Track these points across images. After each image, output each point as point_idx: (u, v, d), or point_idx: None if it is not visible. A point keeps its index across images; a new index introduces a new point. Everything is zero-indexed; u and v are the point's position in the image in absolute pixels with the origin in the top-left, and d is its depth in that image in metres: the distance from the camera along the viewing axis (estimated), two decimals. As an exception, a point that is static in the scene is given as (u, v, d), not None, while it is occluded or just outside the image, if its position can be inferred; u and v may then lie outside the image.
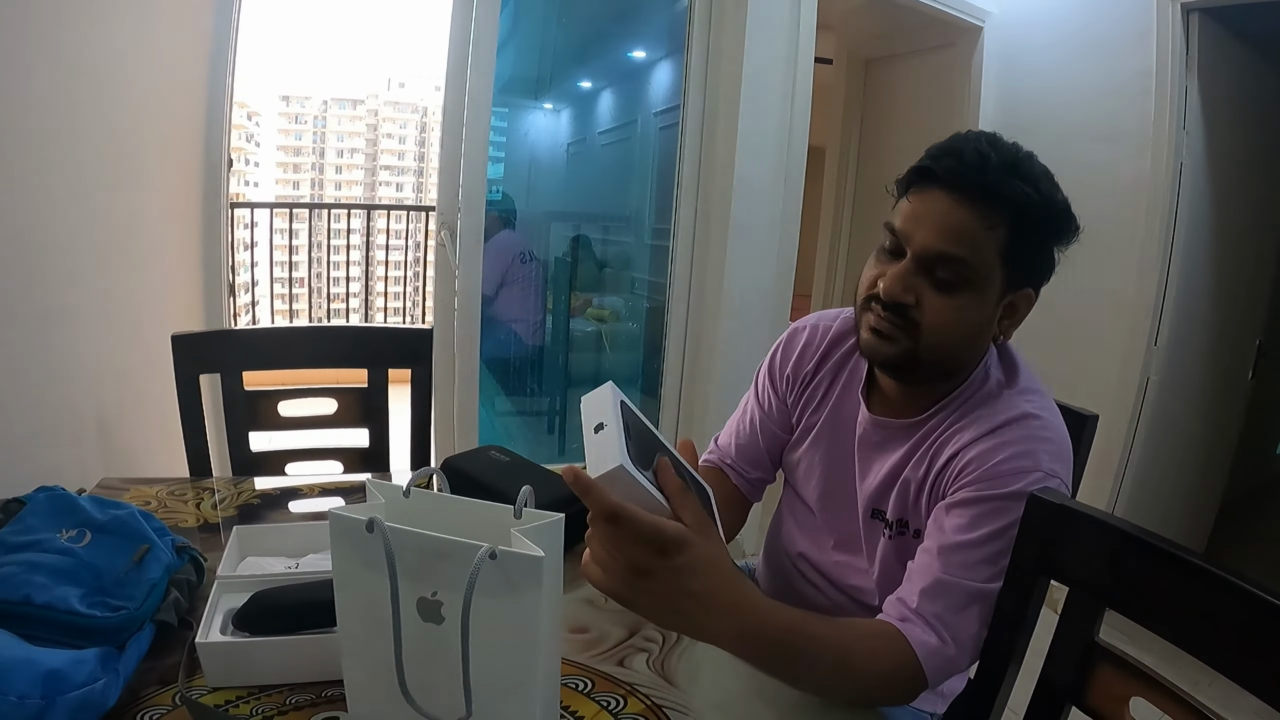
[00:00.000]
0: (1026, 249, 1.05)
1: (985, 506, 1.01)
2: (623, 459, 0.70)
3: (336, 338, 1.81)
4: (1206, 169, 2.85)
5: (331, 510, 0.72)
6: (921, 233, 1.04)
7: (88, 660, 0.84)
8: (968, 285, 1.04)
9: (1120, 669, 0.90)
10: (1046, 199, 1.04)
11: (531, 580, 0.68)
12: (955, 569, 0.99)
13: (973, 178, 1.02)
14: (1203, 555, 0.83)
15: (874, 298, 1.09)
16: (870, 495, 1.18)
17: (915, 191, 1.07)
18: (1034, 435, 1.04)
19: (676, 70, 3.12)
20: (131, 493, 1.39)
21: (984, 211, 1.02)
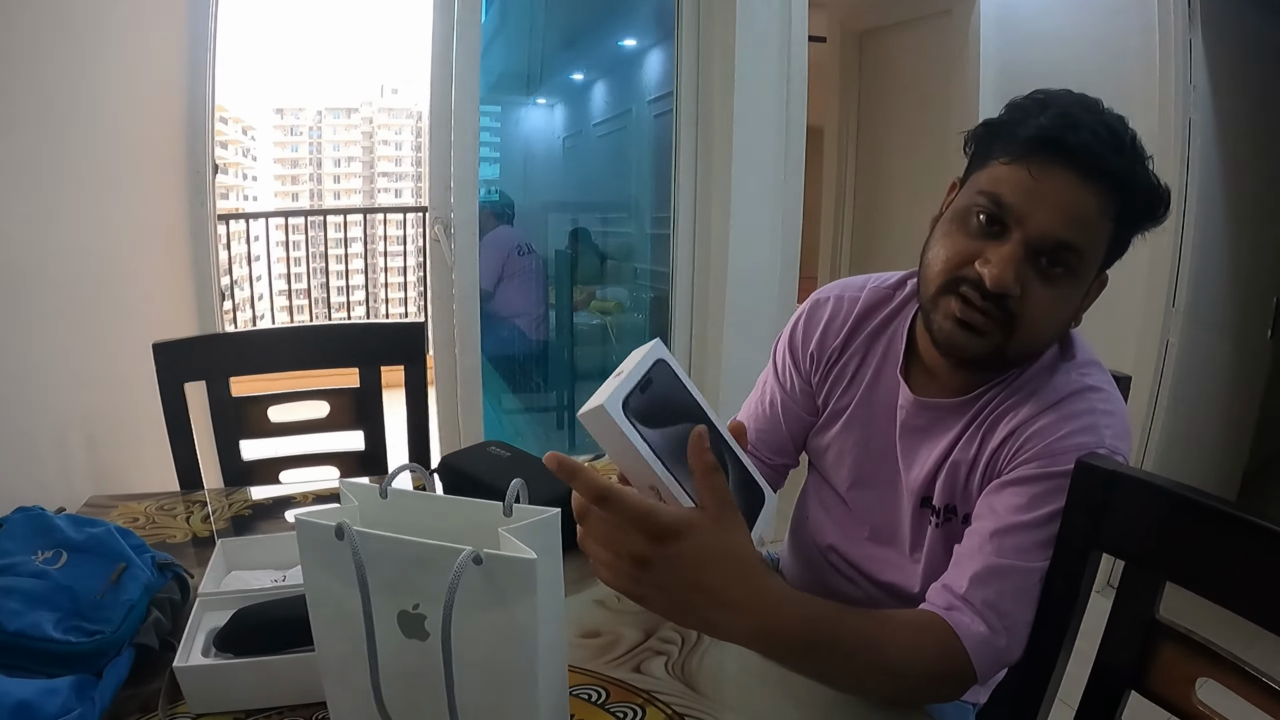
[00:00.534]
0: (1127, 235, 0.97)
1: (1046, 485, 0.93)
2: (608, 401, 0.66)
3: (324, 336, 1.74)
4: (1215, 125, 2.78)
5: (297, 516, 0.64)
6: (1043, 214, 0.91)
7: (60, 690, 0.78)
8: (1073, 276, 0.94)
9: (1185, 648, 0.82)
10: (1157, 182, 0.95)
11: (524, 587, 0.60)
12: (1009, 552, 0.91)
13: (1111, 159, 0.90)
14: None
15: (966, 281, 0.95)
16: (919, 484, 1.08)
17: (1036, 163, 0.92)
18: (1097, 409, 0.96)
19: (668, 57, 3.09)
20: (119, 510, 1.33)
21: (1108, 198, 0.92)
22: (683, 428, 0.71)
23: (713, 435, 0.73)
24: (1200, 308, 2.82)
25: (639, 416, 0.68)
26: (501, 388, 4.13)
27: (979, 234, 0.96)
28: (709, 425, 0.74)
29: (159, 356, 1.55)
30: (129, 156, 2.28)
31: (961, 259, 0.96)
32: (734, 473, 0.76)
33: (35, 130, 1.71)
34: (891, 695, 0.87)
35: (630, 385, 0.69)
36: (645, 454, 0.68)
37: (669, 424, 0.71)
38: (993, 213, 0.94)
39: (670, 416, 0.72)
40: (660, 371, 0.72)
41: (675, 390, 0.74)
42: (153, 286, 2.44)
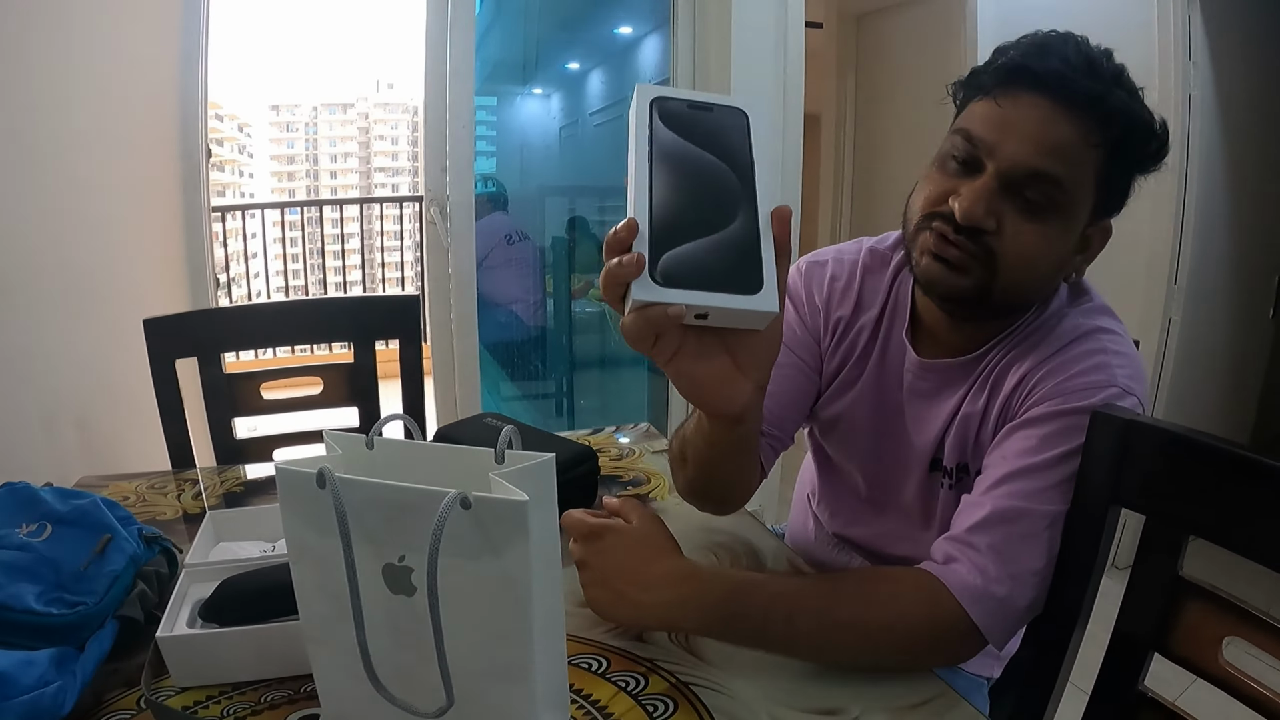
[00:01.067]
0: (1122, 173, 0.93)
1: (1057, 424, 0.88)
2: (646, 86, 0.64)
3: (318, 311, 1.71)
4: (1216, 101, 2.77)
5: (278, 464, 0.61)
6: (1013, 143, 0.88)
7: (38, 662, 0.75)
8: (1058, 211, 0.89)
9: (1211, 605, 0.79)
10: (1149, 114, 0.91)
11: (516, 532, 0.55)
12: (1019, 495, 0.87)
13: (1082, 83, 0.86)
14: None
15: (940, 215, 0.92)
16: (928, 447, 1.05)
17: (1005, 94, 0.89)
18: (1108, 349, 0.92)
19: (665, 44, 3.06)
20: (110, 489, 1.30)
21: (1089, 125, 0.87)
22: (704, 157, 0.64)
23: (746, 214, 0.62)
24: (1202, 285, 2.81)
25: (667, 115, 0.64)
26: (500, 375, 4.10)
27: (956, 174, 0.92)
28: (740, 202, 0.63)
29: (150, 333, 1.53)
30: (122, 143, 2.27)
31: (938, 198, 0.93)
32: (740, 246, 0.61)
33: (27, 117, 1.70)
34: (880, 656, 0.83)
35: (684, 95, 0.65)
36: (636, 136, 0.63)
37: (693, 141, 0.64)
38: (966, 149, 0.92)
39: (701, 139, 0.64)
40: (731, 115, 0.65)
41: (732, 134, 0.65)
42: (147, 272, 2.43)
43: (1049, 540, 0.86)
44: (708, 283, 0.59)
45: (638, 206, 0.60)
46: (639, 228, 0.59)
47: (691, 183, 0.62)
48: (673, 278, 0.58)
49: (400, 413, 0.70)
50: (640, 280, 0.58)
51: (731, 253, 0.60)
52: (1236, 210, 2.93)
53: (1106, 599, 0.88)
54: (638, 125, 0.63)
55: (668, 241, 0.59)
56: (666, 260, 0.59)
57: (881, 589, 0.85)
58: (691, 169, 0.63)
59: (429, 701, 0.58)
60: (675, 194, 0.61)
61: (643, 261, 0.58)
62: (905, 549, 1.11)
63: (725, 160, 0.63)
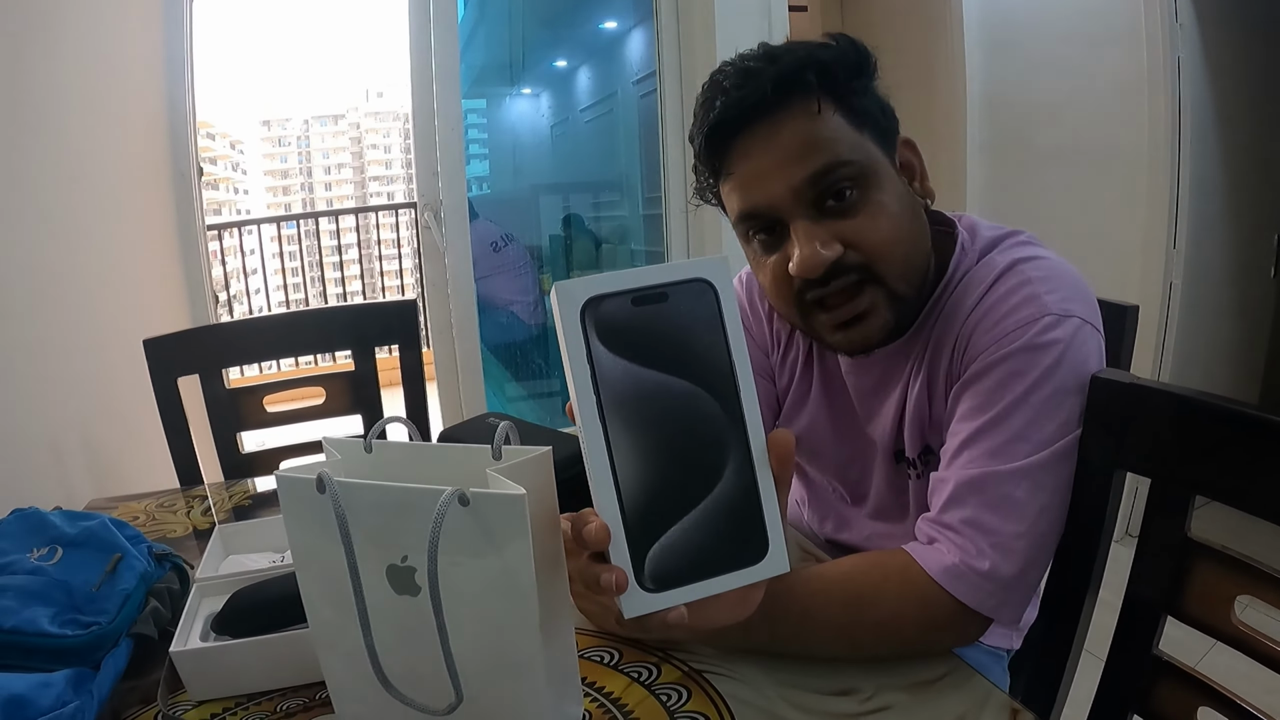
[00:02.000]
0: (861, 99, 0.87)
1: (998, 373, 0.84)
2: (567, 284, 0.50)
3: (316, 321, 1.71)
4: (1205, 63, 2.75)
5: (277, 472, 0.61)
6: (774, 181, 0.84)
7: (55, 684, 0.75)
8: (863, 182, 0.85)
9: (1222, 565, 0.77)
10: (825, 45, 0.87)
11: (515, 526, 0.55)
12: (980, 460, 0.82)
13: (757, 84, 0.83)
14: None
15: (803, 292, 0.88)
16: (886, 440, 1.02)
17: (729, 161, 0.87)
18: (1031, 278, 0.87)
19: (649, 35, 3.07)
20: (120, 510, 1.31)
21: (799, 102, 0.84)
22: (668, 385, 0.51)
23: (737, 459, 0.52)
24: (1201, 248, 2.80)
25: (607, 330, 0.50)
26: (504, 376, 4.10)
27: (772, 249, 0.90)
28: (730, 429, 0.52)
29: (150, 352, 1.54)
30: (113, 166, 2.28)
31: (783, 279, 0.89)
32: (735, 506, 0.53)
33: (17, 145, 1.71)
34: (872, 653, 0.80)
35: (624, 285, 0.51)
36: (574, 374, 0.51)
37: (652, 366, 0.51)
38: (758, 225, 0.89)
39: (661, 359, 0.51)
40: (693, 295, 0.51)
41: (699, 333, 0.51)
42: (147, 294, 2.43)
43: (1028, 495, 0.81)
44: (706, 569, 0.52)
45: (602, 498, 0.51)
46: (611, 530, 0.51)
47: (661, 438, 0.51)
48: (665, 579, 0.51)
49: (399, 415, 0.70)
50: (629, 594, 0.51)
51: (727, 521, 0.52)
52: (1231, 172, 2.92)
53: (1121, 566, 0.87)
54: (571, 353, 0.50)
55: (648, 536, 0.51)
56: (653, 559, 0.51)
57: (866, 588, 0.81)
58: (656, 413, 0.51)
59: (441, 700, 0.58)
60: (643, 464, 0.51)
61: (625, 578, 0.51)
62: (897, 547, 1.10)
63: (697, 378, 0.52)
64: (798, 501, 1.29)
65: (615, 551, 0.51)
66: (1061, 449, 0.83)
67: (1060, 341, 0.83)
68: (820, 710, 0.73)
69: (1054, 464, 0.82)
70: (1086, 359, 0.85)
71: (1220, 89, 2.81)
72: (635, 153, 3.89)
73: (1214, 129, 2.82)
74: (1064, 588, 0.89)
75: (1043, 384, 0.82)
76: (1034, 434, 0.82)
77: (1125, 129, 2.78)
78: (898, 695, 0.75)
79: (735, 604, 0.61)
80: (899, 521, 1.08)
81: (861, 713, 0.73)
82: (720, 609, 0.59)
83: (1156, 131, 2.70)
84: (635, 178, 3.89)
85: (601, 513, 0.51)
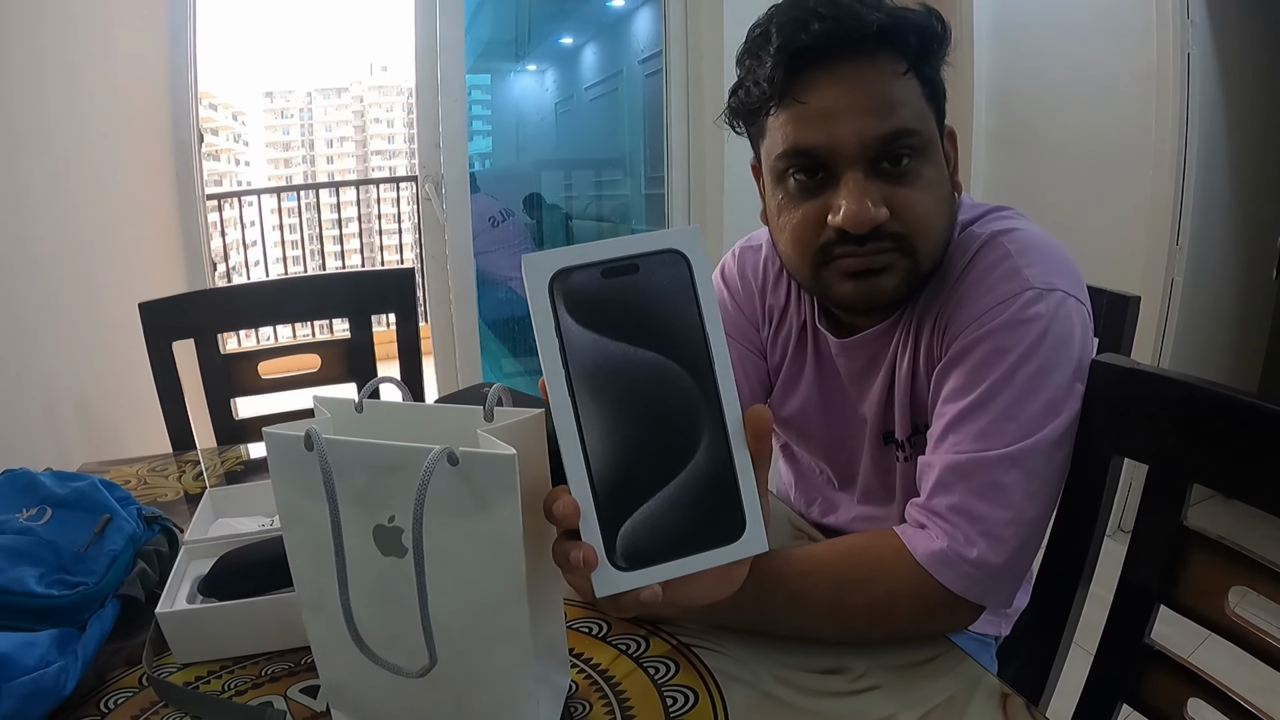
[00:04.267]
0: (935, 77, 0.86)
1: (979, 352, 0.82)
2: (536, 255, 0.49)
3: (313, 287, 1.70)
4: (1215, 60, 2.73)
5: (266, 429, 0.60)
6: (846, 127, 0.80)
7: (39, 643, 0.74)
8: (922, 156, 0.84)
9: (1217, 555, 0.77)
10: (921, 12, 0.84)
11: (505, 488, 0.53)
12: (966, 444, 0.80)
13: (858, 25, 0.80)
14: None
15: (833, 244, 0.85)
16: (875, 421, 1.01)
17: (799, 88, 0.82)
18: (1010, 253, 0.85)
19: (656, 14, 3.06)
20: (112, 473, 1.30)
21: (889, 59, 0.81)
22: (640, 358, 0.50)
23: (711, 435, 0.51)
24: (1204, 246, 2.78)
25: (577, 303, 0.49)
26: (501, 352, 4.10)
27: (810, 193, 0.86)
28: (700, 396, 0.51)
29: (145, 316, 1.53)
30: (115, 132, 2.27)
31: (814, 227, 0.86)
32: (710, 483, 0.51)
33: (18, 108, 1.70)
34: (863, 635, 0.79)
35: (593, 257, 0.49)
36: (543, 348, 0.49)
37: (622, 339, 0.50)
38: (805, 165, 0.85)
39: (632, 332, 0.50)
40: (666, 266, 0.50)
41: (672, 305, 0.50)
42: (144, 260, 2.43)
43: (1019, 479, 0.79)
44: (680, 547, 0.50)
45: (572, 475, 0.49)
46: (581, 507, 0.49)
47: (632, 412, 0.50)
48: (637, 557, 0.50)
49: (391, 376, 0.69)
50: (600, 572, 0.50)
51: (701, 498, 0.50)
52: (1237, 170, 2.90)
53: (1113, 561, 0.86)
54: (540, 326, 0.49)
55: (620, 512, 0.50)
56: (625, 536, 0.50)
57: (858, 570, 0.79)
58: (627, 387, 0.50)
59: (422, 663, 0.57)
60: (614, 439, 0.50)
61: (595, 555, 0.49)
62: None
63: (670, 350, 0.50)
64: (786, 484, 1.28)
65: (585, 528, 0.50)
66: (1055, 433, 0.81)
67: (1043, 316, 0.81)
68: (809, 688, 0.73)
69: (1047, 449, 0.81)
70: (1071, 333, 0.83)
71: (1230, 87, 2.79)
72: (639, 132, 3.88)
73: (1222, 127, 2.80)
74: (1056, 574, 0.88)
75: (1027, 361, 0.80)
76: (1020, 413, 0.80)
77: (1133, 124, 2.76)
78: (887, 675, 0.75)
79: (717, 582, 0.60)
80: (886, 504, 1.07)
81: (851, 691, 0.72)
82: (701, 587, 0.58)
83: (1164, 127, 2.68)
84: (639, 157, 3.88)
85: (572, 489, 0.50)
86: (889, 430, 1.00)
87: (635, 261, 0.50)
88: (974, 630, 1.10)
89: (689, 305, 0.50)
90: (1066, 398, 0.82)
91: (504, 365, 4.10)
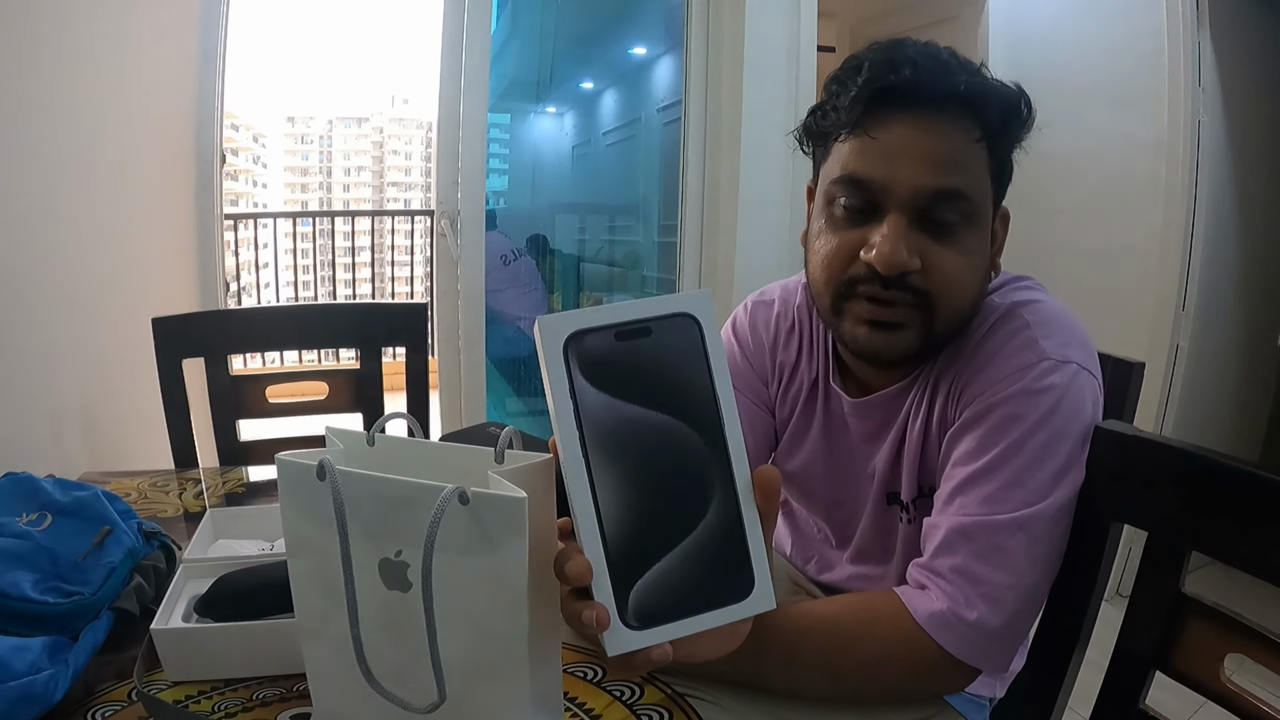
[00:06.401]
0: (1006, 155, 0.88)
1: (992, 419, 0.83)
2: (549, 318, 0.50)
3: (326, 316, 1.72)
4: (1225, 127, 2.77)
5: (278, 455, 0.60)
6: (906, 171, 0.82)
7: (31, 649, 0.74)
8: (970, 223, 0.85)
9: (1214, 622, 0.77)
10: (1011, 89, 0.86)
11: (514, 530, 0.54)
12: (973, 508, 0.81)
13: (945, 81, 0.81)
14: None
15: (860, 279, 0.86)
16: (881, 481, 1.00)
17: (874, 123, 0.84)
18: (1029, 323, 0.86)
19: (678, 64, 3.10)
20: (112, 485, 1.30)
21: (968, 123, 0.83)
22: (651, 420, 0.51)
23: (722, 495, 0.51)
24: (1210, 312, 2.80)
25: (590, 365, 0.50)
26: (506, 390, 4.10)
27: (853, 224, 0.87)
28: (714, 462, 0.51)
29: (158, 332, 1.54)
30: (138, 146, 2.30)
31: (846, 257, 0.87)
32: (720, 542, 0.52)
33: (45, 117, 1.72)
34: (857, 695, 0.79)
35: (607, 320, 0.50)
36: (556, 409, 0.50)
37: (635, 401, 0.51)
38: (857, 195, 0.86)
39: (644, 394, 0.51)
40: (677, 330, 0.51)
41: (684, 367, 0.51)
42: (158, 275, 2.45)
43: (1023, 545, 0.79)
44: (690, 605, 0.51)
45: (585, 535, 0.50)
46: (593, 567, 0.50)
47: (644, 474, 0.51)
48: (649, 616, 0.51)
49: (401, 411, 0.69)
50: (612, 631, 0.50)
51: (711, 557, 0.51)
52: (1245, 236, 2.93)
53: (1110, 626, 0.85)
54: (554, 387, 0.50)
55: (632, 572, 0.51)
56: (637, 596, 0.50)
57: (855, 629, 0.79)
58: (639, 448, 0.51)
59: (420, 698, 0.57)
60: (626, 500, 0.51)
61: (607, 615, 0.50)
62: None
63: (681, 412, 0.51)
64: (783, 540, 1.28)
65: (598, 588, 0.50)
66: (1060, 502, 0.81)
67: (1057, 387, 0.82)
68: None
69: (1052, 516, 0.81)
70: (1083, 405, 0.84)
71: (1240, 154, 2.83)
72: (654, 179, 3.91)
73: (1231, 194, 2.83)
74: (1053, 638, 0.88)
75: (1038, 430, 0.81)
76: (1029, 480, 0.81)
77: (1141, 190, 2.79)
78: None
79: (722, 638, 0.60)
80: (881, 564, 1.06)
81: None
82: (707, 643, 0.58)
83: (1173, 192, 2.71)
84: (653, 204, 3.91)
85: (584, 549, 0.50)
86: (894, 491, 1.00)
87: (648, 325, 0.51)
88: (969, 691, 1.08)
89: (700, 368, 0.51)
90: (1073, 467, 0.83)
91: (508, 404, 4.10)
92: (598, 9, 4.53)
